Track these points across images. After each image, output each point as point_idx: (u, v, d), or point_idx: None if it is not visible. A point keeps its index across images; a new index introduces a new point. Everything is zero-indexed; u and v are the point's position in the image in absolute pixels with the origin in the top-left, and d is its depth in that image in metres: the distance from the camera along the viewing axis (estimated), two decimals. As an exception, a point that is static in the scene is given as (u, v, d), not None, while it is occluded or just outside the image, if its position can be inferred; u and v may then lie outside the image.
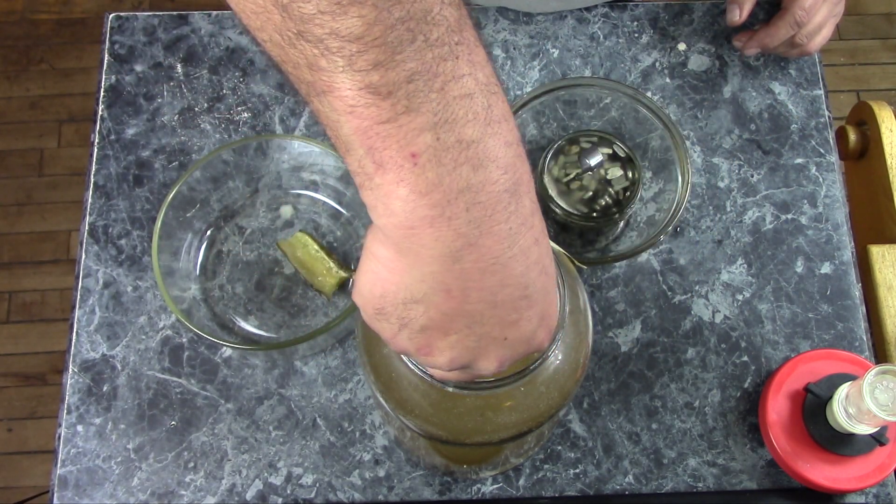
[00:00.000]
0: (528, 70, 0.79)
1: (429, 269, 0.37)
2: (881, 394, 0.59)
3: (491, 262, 0.37)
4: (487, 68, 0.37)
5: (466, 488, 0.67)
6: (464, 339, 0.40)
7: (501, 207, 0.37)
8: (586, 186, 0.68)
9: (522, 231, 0.38)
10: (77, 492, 0.66)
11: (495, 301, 0.39)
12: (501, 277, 0.38)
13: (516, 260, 0.38)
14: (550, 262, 0.41)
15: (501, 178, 0.36)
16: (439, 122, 0.35)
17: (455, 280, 0.37)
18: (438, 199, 0.36)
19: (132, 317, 0.71)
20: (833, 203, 0.75)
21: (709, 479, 0.68)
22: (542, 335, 0.42)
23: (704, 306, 0.72)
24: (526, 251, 0.38)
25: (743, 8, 0.75)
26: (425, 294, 0.38)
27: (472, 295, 0.38)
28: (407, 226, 0.36)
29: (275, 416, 0.68)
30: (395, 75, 0.34)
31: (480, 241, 0.37)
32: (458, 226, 0.36)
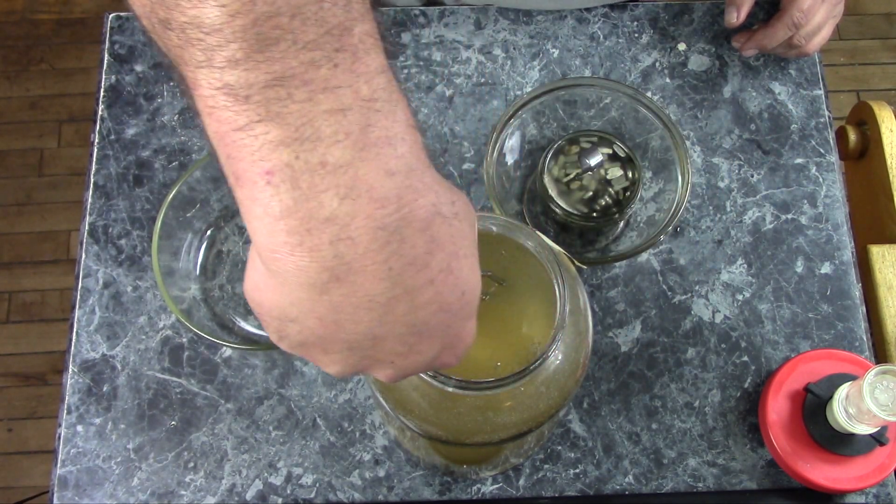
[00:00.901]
0: (528, 70, 0.79)
1: (297, 295, 0.33)
2: (881, 394, 0.59)
3: (366, 299, 0.33)
4: (377, 80, 0.32)
5: (466, 488, 0.67)
6: (347, 359, 0.36)
7: (378, 246, 0.32)
8: (586, 186, 0.68)
9: (410, 272, 0.33)
10: (77, 492, 0.66)
11: (374, 335, 0.35)
12: (380, 315, 0.34)
13: (399, 300, 0.34)
14: (457, 294, 0.36)
15: (377, 213, 0.32)
16: (301, 139, 0.30)
17: (326, 311, 0.34)
18: (295, 225, 0.31)
19: (132, 317, 0.71)
20: (833, 203, 0.75)
21: (709, 479, 0.68)
22: (447, 359, 0.39)
23: (704, 306, 0.72)
24: (413, 292, 0.34)
25: (741, 9, 0.75)
26: (297, 317, 0.34)
27: (347, 326, 0.34)
28: (268, 248, 0.33)
29: (275, 416, 0.68)
30: (254, 77, 0.30)
31: (350, 279, 0.33)
32: (322, 258, 0.32)
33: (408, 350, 0.36)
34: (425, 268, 0.34)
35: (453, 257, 0.35)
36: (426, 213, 0.33)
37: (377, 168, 0.32)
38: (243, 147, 0.31)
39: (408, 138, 0.33)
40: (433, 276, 0.34)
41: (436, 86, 0.78)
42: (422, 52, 0.80)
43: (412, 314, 0.34)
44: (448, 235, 0.35)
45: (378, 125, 0.32)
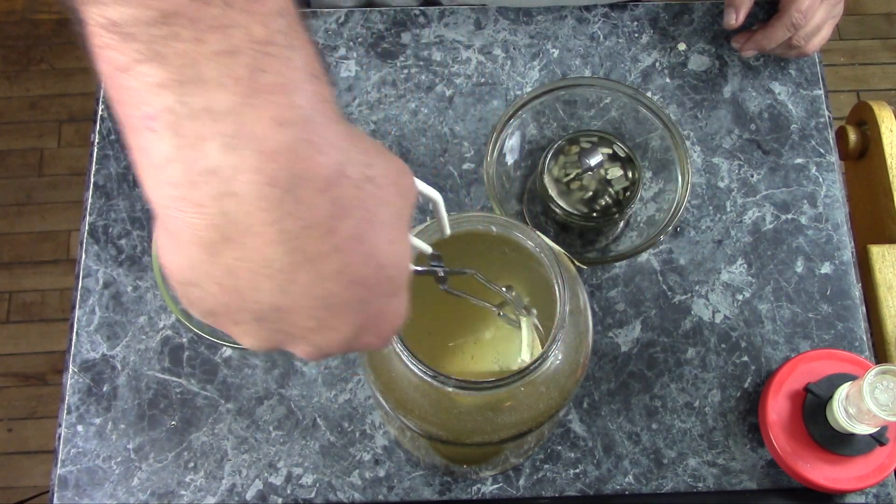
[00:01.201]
0: (528, 70, 0.79)
1: (191, 255, 0.31)
2: (881, 394, 0.59)
3: (262, 265, 0.30)
4: (276, 23, 0.29)
5: (466, 488, 0.67)
6: (257, 331, 0.33)
7: (268, 205, 0.29)
8: (586, 186, 0.68)
9: (307, 236, 0.30)
10: (77, 492, 0.66)
11: (278, 306, 0.32)
12: (280, 284, 0.31)
13: (300, 269, 0.31)
14: (372, 267, 0.33)
15: (266, 168, 0.29)
16: (184, 81, 0.28)
17: (223, 275, 0.31)
18: (177, 176, 0.29)
19: (132, 317, 0.71)
20: (833, 203, 0.75)
21: (709, 479, 0.68)
22: (370, 339, 0.36)
23: (704, 306, 0.72)
24: (315, 260, 0.31)
25: (739, 11, 0.75)
26: (198, 281, 0.31)
27: (248, 294, 0.31)
28: (156, 202, 0.30)
29: (275, 416, 0.68)
30: (139, 14, 0.27)
31: (242, 240, 0.30)
32: (208, 214, 0.29)
33: (318, 325, 0.33)
34: (329, 234, 0.31)
35: (365, 224, 0.32)
36: (327, 172, 0.30)
37: (266, 117, 0.29)
38: (127, 90, 0.29)
39: (307, 88, 0.30)
40: (339, 243, 0.31)
41: (436, 86, 0.78)
42: (422, 52, 0.80)
43: (317, 285, 0.31)
44: (357, 200, 0.32)
45: (271, 70, 0.29)
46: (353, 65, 0.79)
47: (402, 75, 0.79)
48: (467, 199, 0.75)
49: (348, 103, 0.78)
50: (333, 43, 0.80)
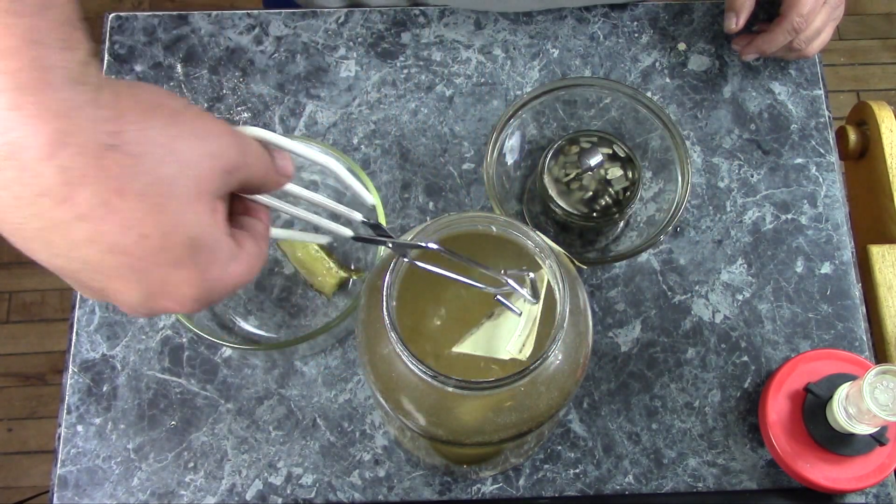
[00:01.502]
0: (528, 70, 0.79)
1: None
2: (881, 394, 0.59)
3: (16, 226, 0.32)
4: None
5: (466, 488, 0.67)
6: (75, 285, 0.35)
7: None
8: (586, 186, 0.68)
9: (44, 204, 0.31)
10: (77, 492, 0.66)
11: (52, 265, 0.34)
12: (41, 246, 0.33)
13: (50, 233, 0.32)
14: (133, 237, 0.33)
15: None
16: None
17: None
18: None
19: (132, 317, 0.71)
20: (833, 203, 0.75)
21: (709, 479, 0.68)
22: (168, 305, 0.36)
23: (704, 306, 0.72)
24: (61, 227, 0.32)
25: (740, 15, 0.75)
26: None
27: (34, 249, 0.33)
28: None
29: (275, 416, 0.68)
30: None
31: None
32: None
33: (102, 287, 0.34)
34: (66, 202, 0.31)
35: (113, 194, 0.32)
36: (46, 139, 0.30)
37: None
38: None
39: (25, 55, 0.30)
40: (83, 212, 0.32)
41: (436, 86, 0.78)
42: (422, 52, 0.80)
43: (73, 251, 0.32)
44: (97, 168, 0.31)
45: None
46: (353, 65, 0.79)
47: (402, 75, 0.79)
48: (467, 199, 0.75)
49: (348, 103, 0.78)
50: (333, 43, 0.80)
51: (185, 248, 0.34)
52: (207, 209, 0.35)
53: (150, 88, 0.35)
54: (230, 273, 0.37)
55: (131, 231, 0.33)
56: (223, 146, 0.36)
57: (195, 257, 0.35)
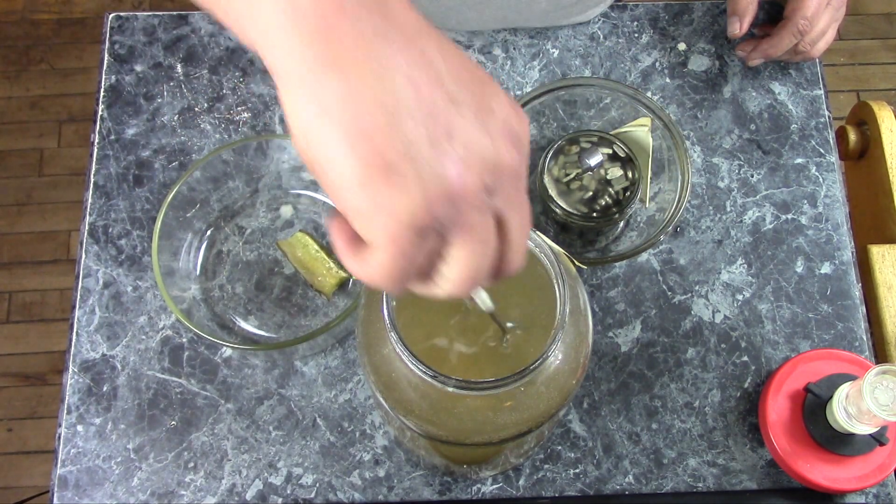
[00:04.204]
0: (528, 70, 0.79)
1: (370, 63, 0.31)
2: (881, 394, 0.59)
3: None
4: None
5: (466, 488, 0.67)
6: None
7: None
8: (586, 186, 0.68)
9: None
10: (77, 492, 0.66)
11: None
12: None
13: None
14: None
15: None
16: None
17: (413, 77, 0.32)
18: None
19: (132, 317, 0.71)
20: (833, 203, 0.75)
21: (709, 479, 0.68)
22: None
23: (704, 306, 0.72)
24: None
25: (743, 20, 0.75)
26: (407, 118, 0.31)
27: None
28: (321, 18, 0.31)
29: (275, 416, 0.68)
30: None
31: (414, 39, 0.32)
32: (391, 14, 0.32)
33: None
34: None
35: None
36: None
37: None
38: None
39: None
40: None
41: (436, 86, 0.78)
42: (422, 52, 0.79)
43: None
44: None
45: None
46: (353, 65, 0.79)
47: (402, 75, 0.79)
48: (467, 199, 0.75)
49: (348, 103, 0.77)
50: (333, 43, 0.80)
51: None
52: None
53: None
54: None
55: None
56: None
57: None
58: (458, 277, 0.34)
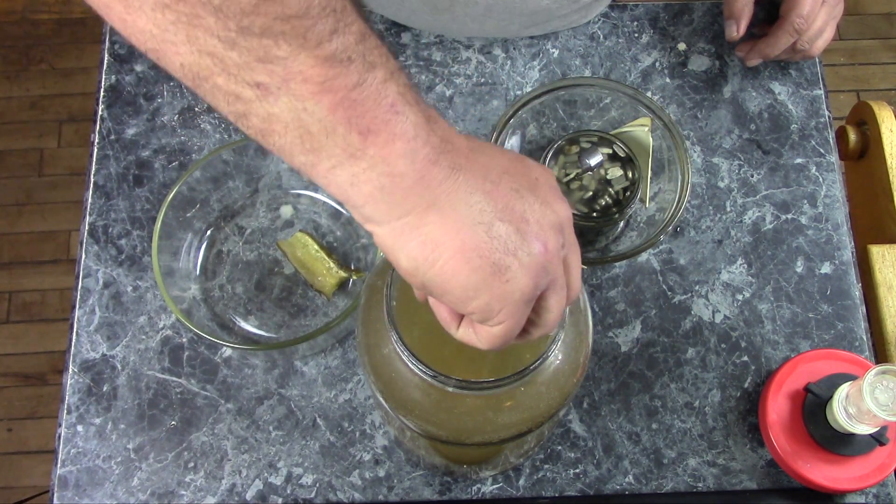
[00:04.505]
0: (528, 70, 0.79)
1: (480, 203, 0.38)
2: (881, 394, 0.59)
3: (489, 169, 0.39)
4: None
5: (466, 488, 0.67)
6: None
7: (444, 122, 0.39)
8: (586, 186, 0.68)
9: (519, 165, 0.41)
10: (77, 492, 0.66)
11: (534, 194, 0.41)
12: (521, 167, 0.41)
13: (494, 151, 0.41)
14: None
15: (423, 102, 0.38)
16: (392, 71, 0.36)
17: (516, 210, 0.39)
18: (425, 136, 0.36)
19: (132, 317, 0.71)
20: (833, 203, 0.75)
21: (709, 479, 0.67)
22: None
23: (704, 306, 0.72)
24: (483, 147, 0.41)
25: (740, 23, 0.75)
26: (496, 222, 0.38)
27: (531, 217, 0.39)
28: (419, 176, 0.36)
29: (275, 416, 0.68)
30: (348, 39, 0.34)
31: (474, 158, 0.38)
32: (473, 165, 0.38)
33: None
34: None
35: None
36: None
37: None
38: (361, 101, 0.34)
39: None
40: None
41: (436, 86, 0.78)
42: (422, 52, 0.80)
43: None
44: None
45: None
46: (353, 65, 0.79)
47: (402, 75, 0.79)
48: (467, 199, 0.75)
49: (348, 103, 0.78)
50: (333, 43, 0.80)
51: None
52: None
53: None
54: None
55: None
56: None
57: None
58: (553, 319, 0.42)
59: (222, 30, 0.32)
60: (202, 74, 0.34)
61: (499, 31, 0.78)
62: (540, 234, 0.39)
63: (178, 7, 0.31)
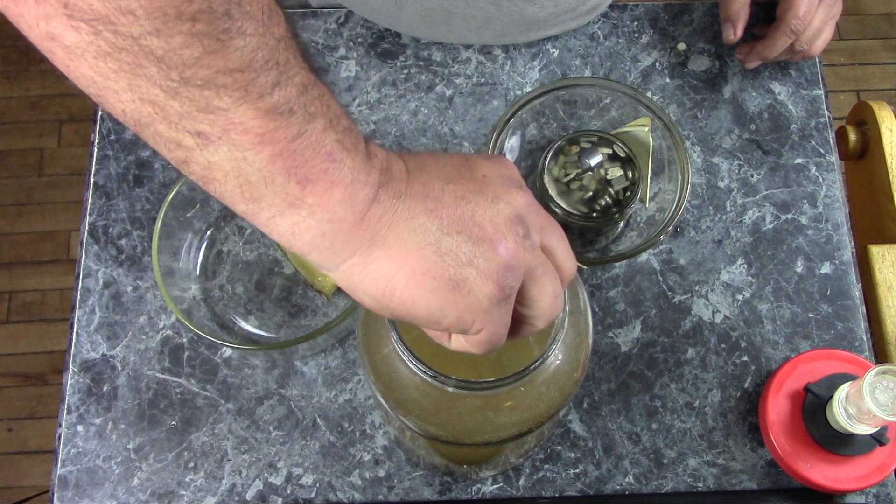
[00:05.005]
0: (528, 70, 0.79)
1: (432, 234, 0.37)
2: (881, 394, 0.59)
3: (443, 190, 0.39)
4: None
5: (466, 488, 0.67)
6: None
7: (382, 151, 0.39)
8: (586, 186, 0.68)
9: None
10: (77, 492, 0.66)
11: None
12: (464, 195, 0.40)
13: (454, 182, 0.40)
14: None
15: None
16: (331, 119, 0.36)
17: (448, 213, 0.38)
18: (375, 174, 0.37)
19: (132, 317, 0.71)
20: (833, 203, 0.75)
21: (709, 479, 0.68)
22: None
23: (704, 306, 0.72)
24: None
25: (737, 25, 0.75)
26: (444, 238, 0.38)
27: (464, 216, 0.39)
28: (359, 218, 0.37)
29: (275, 416, 0.68)
30: (289, 92, 0.34)
31: (414, 179, 0.39)
32: (415, 192, 0.38)
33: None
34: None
35: None
36: None
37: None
38: (304, 150, 0.35)
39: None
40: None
41: (436, 86, 0.78)
42: (422, 52, 0.80)
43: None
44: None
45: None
46: (353, 65, 0.79)
47: (402, 75, 0.79)
48: (467, 199, 0.75)
49: (348, 103, 0.78)
50: (333, 43, 0.80)
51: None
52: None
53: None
54: None
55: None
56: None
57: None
58: (547, 306, 0.41)
59: (164, 80, 0.32)
60: (143, 121, 0.33)
61: (496, 40, 0.78)
62: (495, 233, 0.38)
63: (120, 56, 0.31)
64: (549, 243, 0.41)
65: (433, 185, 0.39)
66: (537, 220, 0.41)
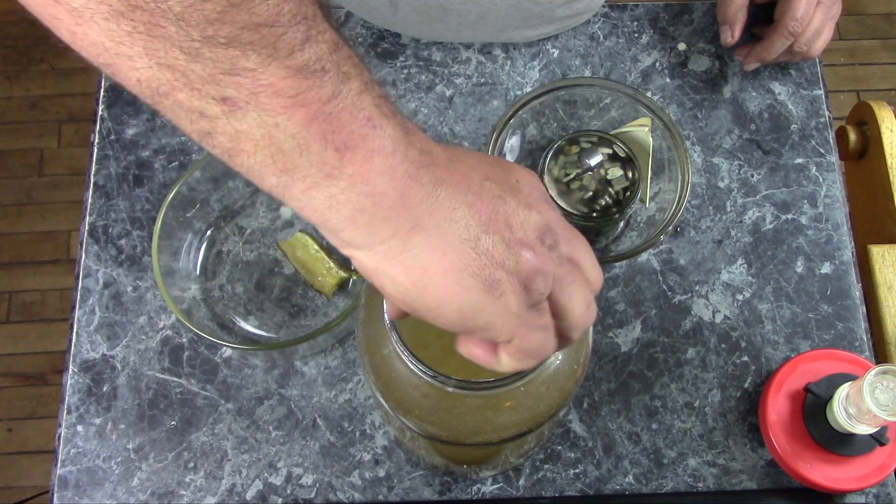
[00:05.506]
0: (528, 70, 0.79)
1: (466, 217, 0.36)
2: (881, 394, 0.59)
3: (472, 164, 0.38)
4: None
5: (466, 488, 0.67)
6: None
7: (421, 133, 0.37)
8: (586, 186, 0.68)
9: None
10: (77, 492, 0.66)
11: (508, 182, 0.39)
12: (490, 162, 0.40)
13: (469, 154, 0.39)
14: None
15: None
16: (366, 82, 0.33)
17: (503, 216, 0.37)
18: (404, 150, 0.34)
19: (132, 317, 0.71)
20: (833, 203, 0.75)
21: (709, 479, 0.68)
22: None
23: (704, 306, 0.72)
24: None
25: (734, 28, 0.75)
26: (482, 235, 0.36)
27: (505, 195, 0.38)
28: (399, 195, 0.34)
29: (275, 416, 0.68)
30: (321, 48, 0.31)
31: (454, 168, 0.37)
32: (435, 160, 0.36)
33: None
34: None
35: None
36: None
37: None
38: (336, 114, 0.32)
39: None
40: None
41: (436, 86, 0.78)
42: (422, 52, 0.80)
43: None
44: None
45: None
46: (353, 65, 0.79)
47: (402, 75, 0.79)
48: (467, 199, 0.75)
49: (348, 103, 0.78)
50: (333, 43, 0.80)
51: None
52: None
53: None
54: None
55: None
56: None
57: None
58: (578, 315, 0.40)
59: (185, 40, 0.29)
60: (162, 90, 0.31)
61: (494, 37, 0.78)
62: (525, 239, 0.37)
63: (134, 16, 0.28)
64: (577, 256, 0.40)
65: (473, 178, 0.37)
66: (566, 233, 0.40)
